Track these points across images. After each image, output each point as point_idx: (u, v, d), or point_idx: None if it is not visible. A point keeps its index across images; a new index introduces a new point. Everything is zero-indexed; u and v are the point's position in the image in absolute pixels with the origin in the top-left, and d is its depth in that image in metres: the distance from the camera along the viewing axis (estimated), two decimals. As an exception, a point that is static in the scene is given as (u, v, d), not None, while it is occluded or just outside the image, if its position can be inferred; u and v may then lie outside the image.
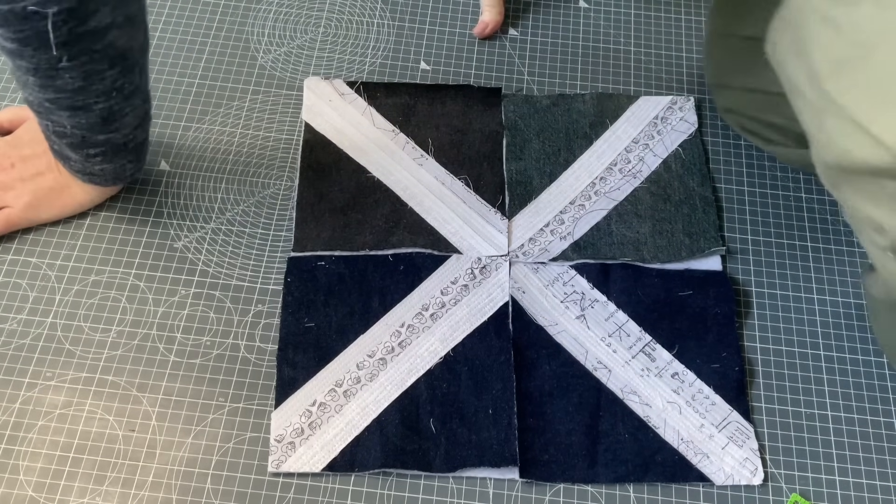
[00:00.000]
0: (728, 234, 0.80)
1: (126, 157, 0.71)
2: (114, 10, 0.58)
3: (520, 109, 0.86)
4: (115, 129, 0.67)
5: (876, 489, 0.68)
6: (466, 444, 0.68)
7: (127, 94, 0.65)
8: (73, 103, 0.63)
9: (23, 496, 0.65)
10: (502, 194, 0.80)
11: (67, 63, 0.59)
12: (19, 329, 0.72)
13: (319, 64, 0.89)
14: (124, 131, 0.68)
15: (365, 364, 0.71)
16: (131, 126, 0.68)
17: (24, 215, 0.75)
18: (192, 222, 0.78)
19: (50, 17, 0.55)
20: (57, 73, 0.60)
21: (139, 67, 0.65)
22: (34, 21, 0.55)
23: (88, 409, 0.69)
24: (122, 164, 0.72)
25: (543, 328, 0.74)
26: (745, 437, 0.69)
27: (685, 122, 0.85)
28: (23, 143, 0.76)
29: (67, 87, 0.61)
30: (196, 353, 0.72)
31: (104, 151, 0.69)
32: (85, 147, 0.68)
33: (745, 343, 0.74)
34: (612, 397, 0.71)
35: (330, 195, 0.79)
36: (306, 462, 0.67)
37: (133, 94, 0.65)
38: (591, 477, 0.67)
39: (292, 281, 0.74)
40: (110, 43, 0.60)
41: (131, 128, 0.68)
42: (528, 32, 0.92)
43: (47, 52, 0.58)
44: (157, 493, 0.65)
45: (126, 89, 0.64)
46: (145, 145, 0.73)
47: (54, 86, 0.61)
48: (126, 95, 0.65)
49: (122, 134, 0.68)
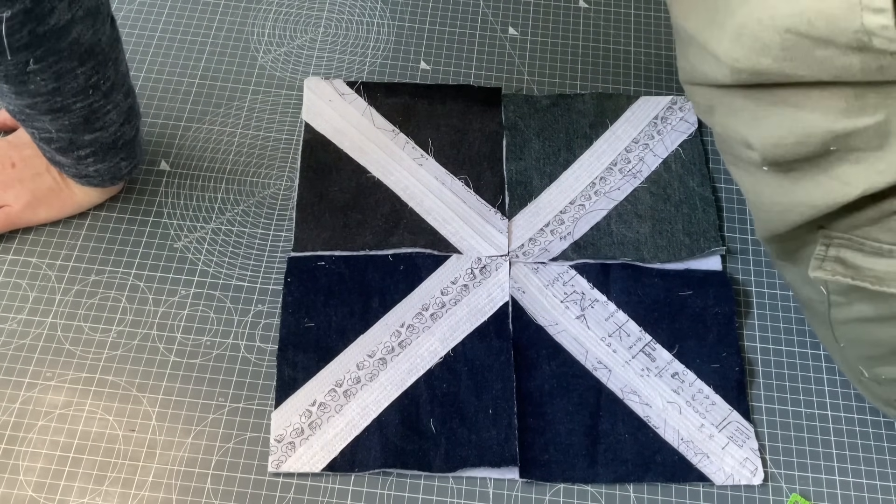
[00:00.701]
0: (728, 234, 0.80)
1: (118, 156, 0.71)
2: (71, 5, 0.57)
3: (520, 109, 0.86)
4: (101, 128, 0.66)
5: (876, 489, 0.68)
6: (466, 444, 0.68)
7: (105, 91, 0.64)
8: (52, 106, 0.62)
9: (23, 496, 0.65)
10: (502, 194, 0.80)
11: (35, 66, 0.58)
12: (19, 329, 0.72)
13: (319, 64, 0.89)
14: (111, 129, 0.67)
15: (365, 364, 0.71)
16: (117, 123, 0.67)
17: (24, 215, 0.75)
18: (192, 222, 0.78)
19: (3, 21, 0.54)
20: (28, 77, 0.59)
21: (111, 61, 0.64)
22: None
23: (88, 409, 0.69)
24: (116, 163, 0.71)
25: (543, 328, 0.74)
26: (745, 437, 0.69)
27: (685, 122, 0.85)
28: (23, 142, 0.76)
29: (42, 91, 0.60)
30: (196, 353, 0.72)
31: (94, 152, 0.69)
32: (74, 150, 0.68)
33: (745, 343, 0.74)
34: (612, 397, 0.71)
35: (330, 195, 0.79)
36: (306, 462, 0.67)
37: (112, 90, 0.65)
38: (591, 477, 0.67)
39: (292, 281, 0.74)
40: (75, 39, 0.59)
41: (117, 125, 0.67)
42: (528, 32, 0.92)
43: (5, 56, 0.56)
44: (157, 493, 0.65)
45: (103, 86, 0.63)
46: (137, 141, 0.72)
47: (28, 91, 0.60)
48: (105, 92, 0.64)
49: (110, 132, 0.67)
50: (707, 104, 0.62)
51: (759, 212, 0.64)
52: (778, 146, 0.57)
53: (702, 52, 0.58)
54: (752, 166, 0.61)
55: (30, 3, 0.54)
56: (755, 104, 0.57)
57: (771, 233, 0.64)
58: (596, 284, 0.76)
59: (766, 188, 0.61)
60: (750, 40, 0.53)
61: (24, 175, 0.74)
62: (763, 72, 0.54)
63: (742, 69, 0.55)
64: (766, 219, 0.64)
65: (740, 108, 0.58)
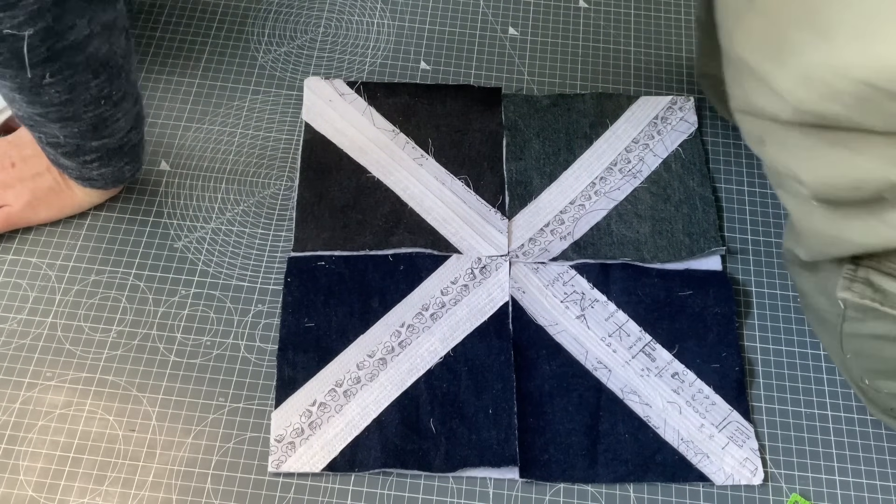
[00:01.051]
0: (728, 234, 0.80)
1: (123, 160, 0.71)
2: (91, 21, 0.57)
3: (520, 109, 0.86)
4: (109, 135, 0.66)
5: (876, 489, 0.68)
6: (466, 444, 0.68)
7: (116, 101, 0.64)
8: (63, 115, 0.62)
9: (23, 496, 0.65)
10: (502, 194, 0.80)
11: (51, 79, 0.58)
12: (19, 329, 0.72)
13: (319, 64, 0.89)
14: (118, 136, 0.67)
15: (365, 364, 0.71)
16: (124, 130, 0.67)
17: (24, 215, 0.75)
18: (192, 222, 0.78)
19: (25, 38, 0.54)
20: (42, 89, 0.59)
21: (124, 73, 0.64)
22: (10, 43, 0.54)
23: (88, 409, 0.69)
24: (120, 167, 0.72)
25: (543, 328, 0.74)
26: (745, 437, 0.69)
27: (685, 122, 0.85)
28: (23, 142, 0.76)
29: (54, 101, 0.61)
30: (196, 353, 0.72)
31: (100, 157, 0.69)
32: (80, 155, 0.68)
33: (745, 343, 0.74)
34: (612, 397, 0.71)
35: (330, 195, 0.79)
36: (306, 462, 0.67)
37: (122, 100, 0.65)
38: (591, 477, 0.67)
39: (292, 281, 0.74)
40: (91, 53, 0.59)
41: (124, 132, 0.68)
42: (528, 32, 0.92)
43: (25, 73, 0.57)
44: (157, 493, 0.65)
45: (114, 96, 0.64)
46: (141, 146, 0.72)
47: (41, 101, 0.60)
48: (115, 102, 0.64)
49: (116, 138, 0.67)
50: (758, 135, 0.61)
51: (802, 236, 0.64)
52: (830, 187, 0.56)
53: (761, 86, 0.56)
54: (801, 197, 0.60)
55: (52, 20, 0.54)
56: (811, 142, 0.56)
57: (810, 257, 0.64)
58: (596, 284, 0.76)
59: (815, 219, 0.60)
60: (820, 85, 0.52)
61: (25, 175, 0.74)
62: (830, 117, 0.53)
63: (807, 111, 0.54)
64: (809, 245, 0.63)
65: (795, 144, 0.57)
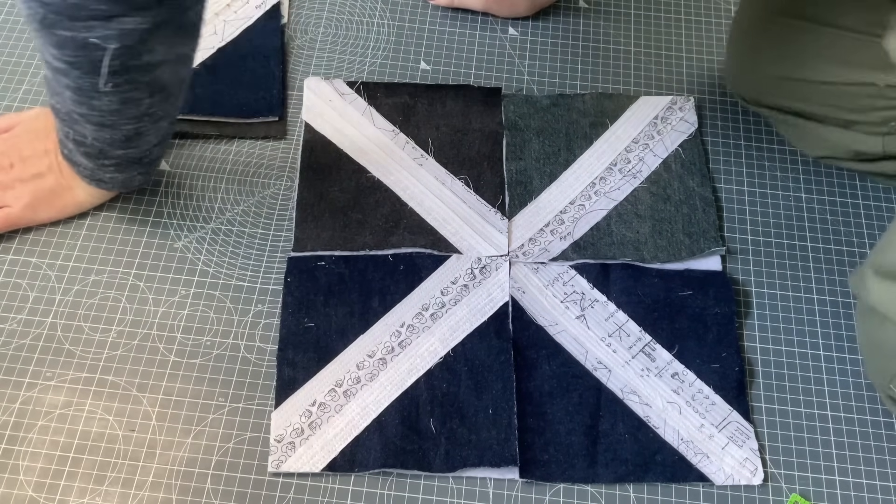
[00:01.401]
0: (728, 234, 0.80)
1: (137, 170, 0.72)
2: (169, 48, 0.59)
3: (520, 109, 0.86)
4: (135, 146, 0.68)
5: (876, 489, 0.68)
6: (466, 444, 0.68)
7: (156, 119, 0.66)
8: (104, 121, 0.64)
9: (23, 496, 0.65)
10: (502, 194, 0.80)
11: (111, 89, 0.60)
12: (19, 329, 0.72)
13: (319, 64, 0.89)
14: (143, 148, 0.69)
15: (365, 364, 0.71)
16: (150, 144, 0.69)
17: (24, 215, 0.75)
18: (192, 222, 0.78)
19: (109, 51, 0.56)
20: (97, 94, 0.61)
21: (175, 98, 0.66)
22: (91, 51, 0.56)
23: (88, 409, 0.69)
24: (133, 175, 0.72)
25: (543, 328, 0.74)
26: (745, 437, 0.69)
27: (685, 122, 0.85)
28: (23, 143, 0.76)
29: (103, 108, 0.62)
30: (196, 353, 0.72)
31: (118, 164, 0.70)
32: (101, 158, 0.69)
33: (745, 343, 0.74)
34: (612, 397, 0.71)
35: (330, 195, 0.79)
36: (306, 462, 0.67)
37: (162, 119, 0.66)
38: (591, 477, 0.67)
39: (292, 281, 0.74)
40: (157, 76, 0.61)
41: (150, 145, 0.69)
42: (528, 32, 0.92)
43: (94, 78, 0.59)
44: (157, 493, 0.65)
45: (157, 115, 0.65)
46: (160, 160, 0.74)
47: (90, 104, 0.62)
48: (155, 120, 0.66)
49: (141, 150, 0.69)
50: None
51: None
52: None
53: None
54: None
55: (137, 40, 0.56)
56: None
57: None
58: (596, 284, 0.76)
59: None
60: None
61: (24, 176, 0.74)
62: None
63: None
64: None
65: None
